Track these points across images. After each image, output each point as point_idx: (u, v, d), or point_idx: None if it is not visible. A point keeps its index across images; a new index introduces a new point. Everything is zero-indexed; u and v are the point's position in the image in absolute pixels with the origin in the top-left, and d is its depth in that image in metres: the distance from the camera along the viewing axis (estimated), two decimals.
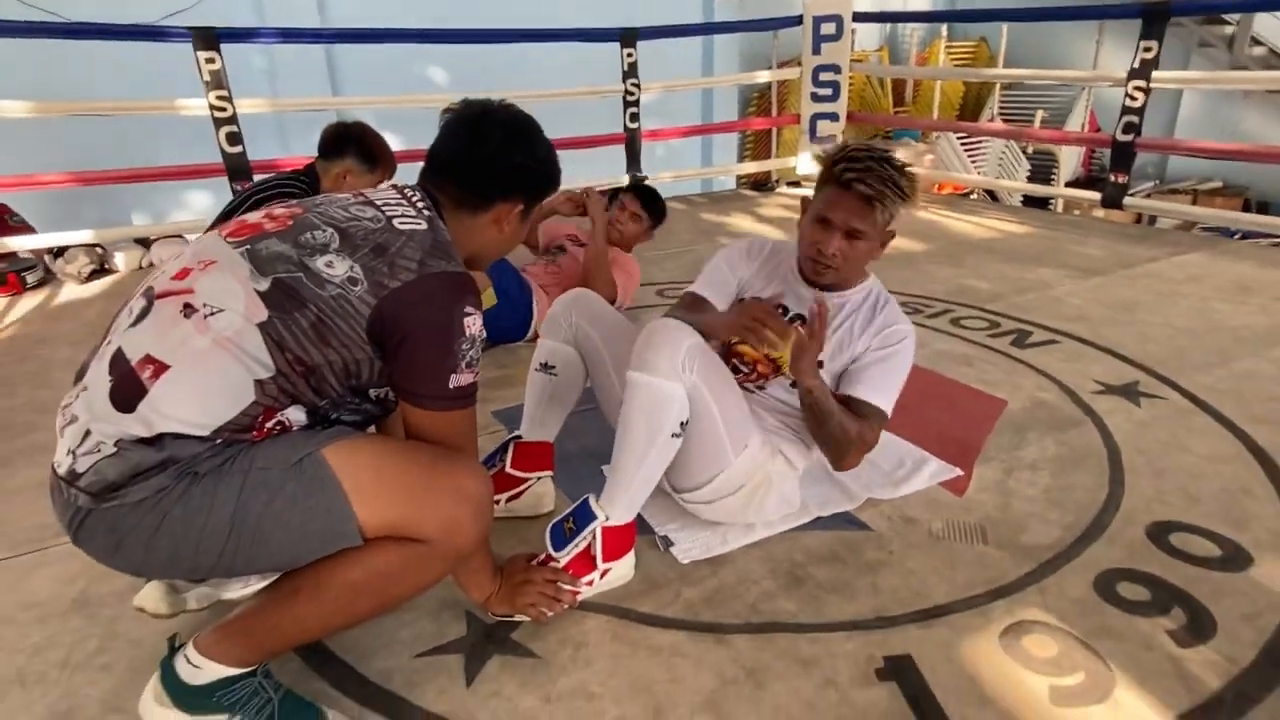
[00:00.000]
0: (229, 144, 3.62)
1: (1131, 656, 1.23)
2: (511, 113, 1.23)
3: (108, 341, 1.05)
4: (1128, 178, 4.04)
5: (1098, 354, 2.44)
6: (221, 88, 3.53)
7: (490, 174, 1.19)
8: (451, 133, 1.21)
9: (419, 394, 1.07)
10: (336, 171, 2.31)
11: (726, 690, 1.18)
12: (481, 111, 1.21)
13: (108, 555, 1.02)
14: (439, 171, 1.20)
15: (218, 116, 3.57)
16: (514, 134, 1.21)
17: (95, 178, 3.60)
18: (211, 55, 3.50)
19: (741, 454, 1.41)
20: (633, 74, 4.65)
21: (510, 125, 1.21)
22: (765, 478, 1.46)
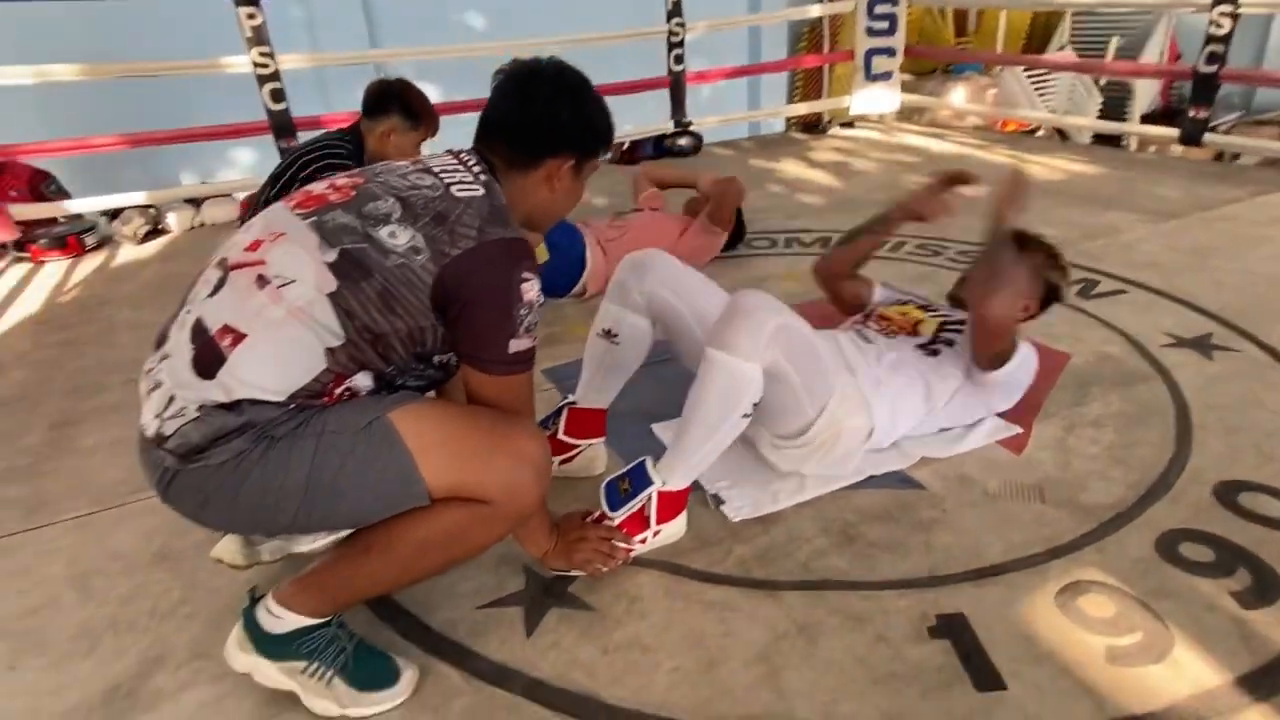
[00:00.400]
0: (273, 101, 3.69)
1: (1192, 617, 1.24)
2: (559, 69, 1.24)
3: (186, 310, 1.11)
4: (1209, 112, 3.83)
5: (1169, 304, 2.38)
6: (263, 44, 3.58)
7: (538, 131, 1.21)
8: (501, 93, 1.24)
9: (480, 358, 1.12)
10: (381, 130, 2.35)
11: (779, 644, 1.24)
12: (530, 70, 1.23)
13: (195, 512, 1.11)
14: (490, 133, 1.23)
15: (261, 74, 3.63)
16: (561, 90, 1.23)
17: (145, 139, 3.71)
18: (252, 11, 3.54)
19: (821, 413, 1.47)
20: (677, 13, 4.55)
21: (557, 81, 1.23)
22: (835, 434, 1.50)
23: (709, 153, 5.00)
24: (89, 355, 2.51)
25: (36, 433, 2.06)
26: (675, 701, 1.15)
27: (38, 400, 2.23)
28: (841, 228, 3.29)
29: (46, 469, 1.89)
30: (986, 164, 4.28)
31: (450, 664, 1.24)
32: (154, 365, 1.14)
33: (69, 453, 1.95)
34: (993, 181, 1.66)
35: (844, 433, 1.53)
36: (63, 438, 2.02)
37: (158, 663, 1.29)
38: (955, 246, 2.92)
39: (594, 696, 1.17)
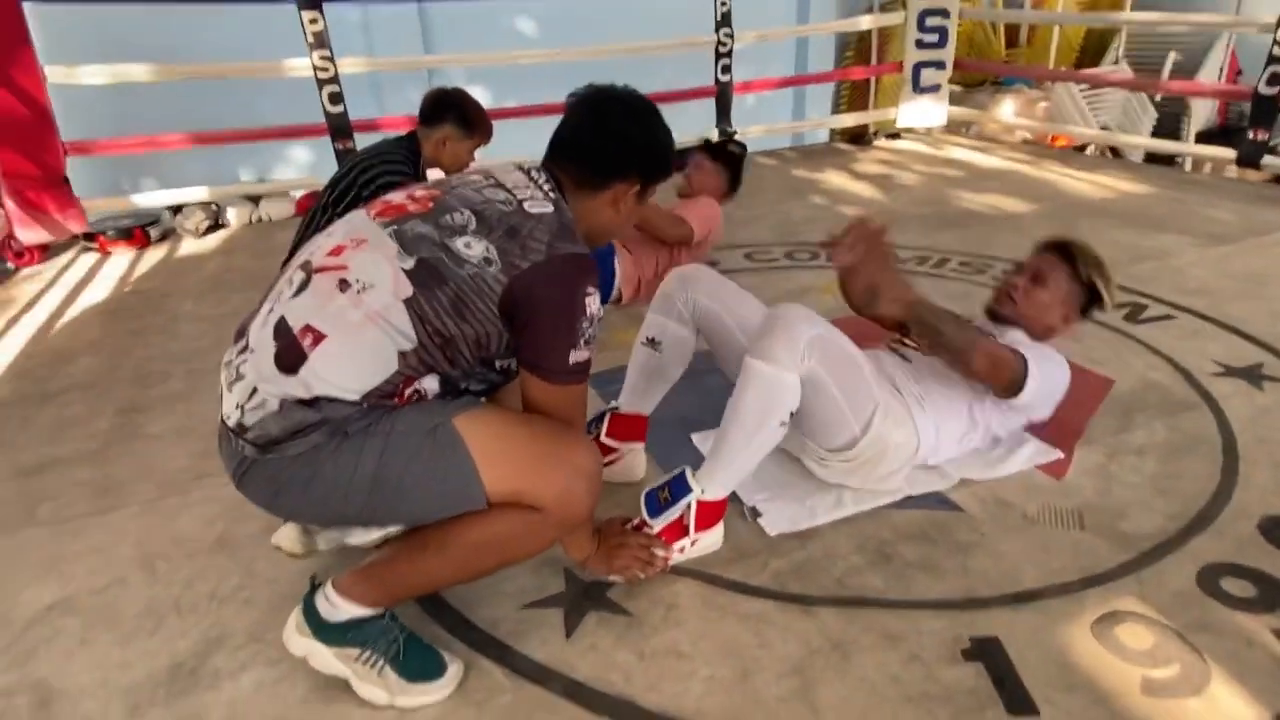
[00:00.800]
0: (331, 104, 3.80)
1: (1231, 652, 1.23)
2: (632, 96, 1.30)
3: (270, 310, 1.17)
4: (1269, 134, 3.74)
5: (1219, 331, 2.34)
6: (324, 47, 3.70)
7: (608, 154, 1.26)
8: (574, 115, 1.29)
9: (542, 367, 1.17)
10: (437, 138, 2.42)
11: (813, 659, 1.26)
12: (603, 95, 1.29)
13: (267, 500, 1.17)
14: (561, 152, 1.28)
15: (320, 77, 3.74)
16: (632, 116, 1.28)
17: (208, 137, 3.84)
18: (314, 15, 3.65)
19: (867, 430, 1.49)
20: (726, 23, 4.58)
21: (629, 107, 1.28)
22: (882, 450, 1.52)
23: (751, 160, 5.00)
24: (154, 345, 2.62)
25: (105, 418, 2.16)
26: (709, 710, 1.18)
27: (106, 387, 2.34)
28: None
29: (114, 454, 1.98)
30: (1034, 180, 4.23)
31: (493, 661, 1.28)
32: (234, 358, 1.20)
33: (135, 438, 2.04)
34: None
35: (890, 448, 1.54)
36: (129, 424, 2.12)
37: (217, 644, 1.35)
38: (999, 264, 2.90)
39: (630, 700, 1.20)
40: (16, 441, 2.06)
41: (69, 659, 1.34)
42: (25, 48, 3.17)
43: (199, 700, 1.24)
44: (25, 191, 3.26)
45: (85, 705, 1.24)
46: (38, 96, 3.23)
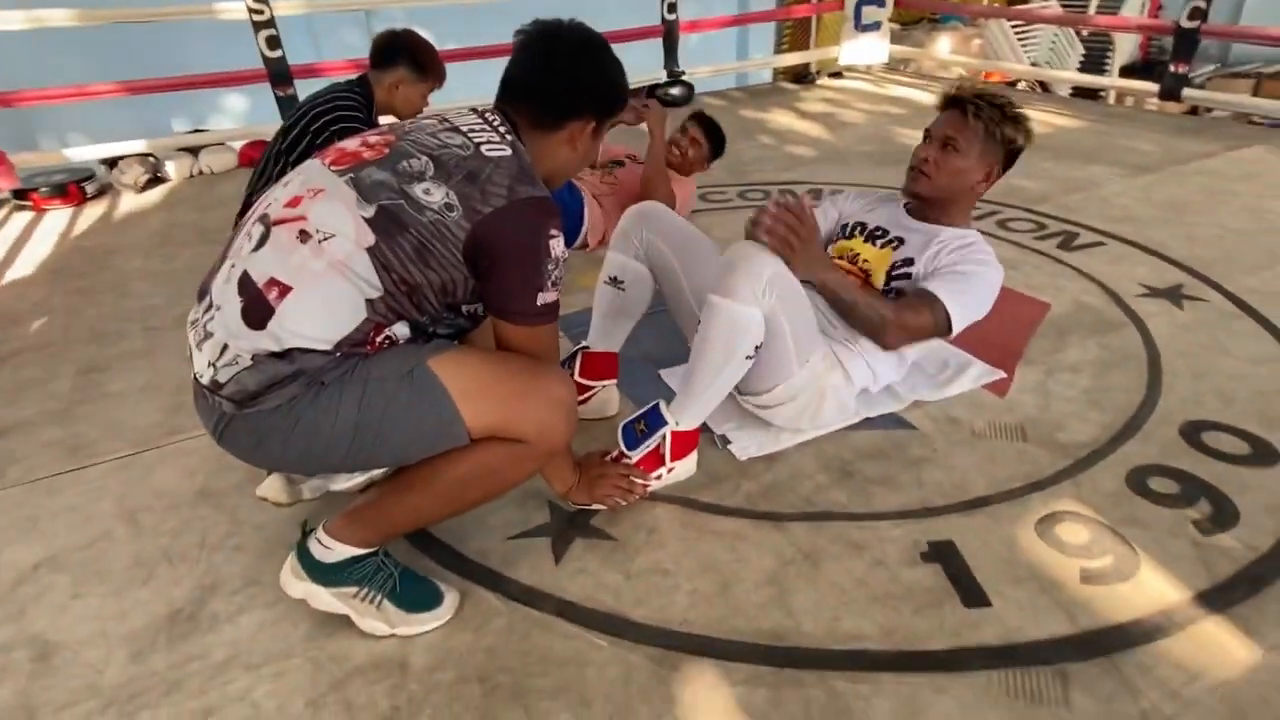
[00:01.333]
0: (269, 48, 3.62)
1: (1157, 542, 1.34)
2: (580, 31, 1.25)
3: (230, 265, 1.14)
4: (1189, 67, 3.86)
5: (1144, 256, 2.46)
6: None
7: (562, 93, 1.23)
8: (522, 53, 1.24)
9: (511, 310, 1.17)
10: (389, 82, 2.33)
11: (786, 569, 1.33)
12: (552, 32, 1.24)
13: (248, 453, 1.16)
14: (514, 93, 1.24)
15: (256, 20, 3.55)
16: (582, 52, 1.24)
17: (143, 86, 3.63)
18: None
19: (804, 367, 1.51)
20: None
21: (579, 44, 1.24)
22: (821, 390, 1.56)
23: (699, 102, 4.97)
24: (106, 303, 2.53)
25: (65, 379, 2.09)
26: (695, 619, 1.24)
27: (62, 348, 2.26)
28: (833, 180, 3.34)
29: (80, 414, 1.93)
30: None
31: (486, 588, 1.32)
32: (199, 317, 1.17)
33: (100, 398, 1.99)
34: None
35: (828, 389, 1.58)
36: (91, 384, 2.06)
37: (212, 590, 1.36)
38: None
39: (621, 615, 1.26)
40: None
41: (63, 613, 1.33)
42: None
43: (201, 642, 1.25)
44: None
45: (87, 654, 1.25)
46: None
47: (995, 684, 1.11)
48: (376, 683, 1.17)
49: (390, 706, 1.13)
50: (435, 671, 1.18)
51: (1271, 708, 1.06)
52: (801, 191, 1.73)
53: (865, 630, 1.21)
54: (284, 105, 3.74)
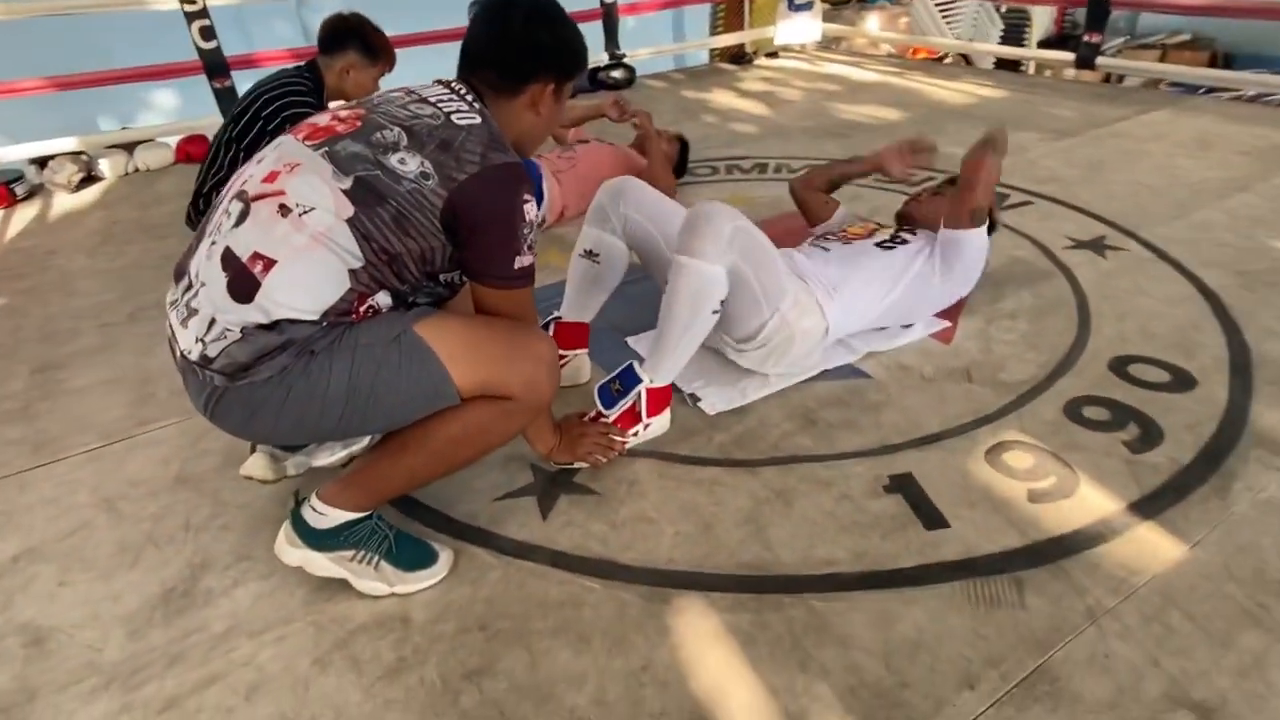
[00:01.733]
0: (203, 39, 3.52)
1: (1093, 463, 1.47)
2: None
3: (211, 242, 1.15)
4: (1102, 37, 4.08)
5: (1068, 212, 2.61)
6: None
7: (519, 58, 1.25)
8: (479, 23, 1.26)
9: (489, 274, 1.21)
10: (340, 66, 2.33)
11: (761, 508, 1.41)
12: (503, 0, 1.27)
13: (241, 426, 1.18)
14: (474, 62, 1.26)
15: (188, 10, 3.45)
16: (536, 15, 1.25)
17: (73, 82, 3.50)
18: None
19: (775, 314, 1.60)
20: None
21: (533, 7, 1.25)
22: (790, 335, 1.64)
23: (642, 84, 5.01)
24: (54, 303, 2.45)
25: (19, 379, 2.03)
26: (680, 558, 1.31)
27: (11, 349, 2.19)
28: (776, 154, 3.44)
29: (40, 410, 1.89)
30: (901, 90, 4.45)
31: (478, 546, 1.37)
32: (178, 297, 1.18)
33: (60, 395, 1.95)
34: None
35: (798, 334, 1.67)
36: (49, 381, 2.01)
37: (204, 567, 1.37)
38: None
39: (611, 560, 1.32)
40: None
41: (51, 601, 1.33)
42: None
43: (198, 616, 1.27)
44: None
45: (83, 635, 1.25)
46: None
47: (958, 593, 1.21)
48: (380, 638, 1.20)
49: (396, 658, 1.17)
50: (437, 623, 1.22)
51: (1197, 592, 1.18)
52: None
53: (837, 556, 1.30)
54: (221, 98, 3.65)
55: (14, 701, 1.15)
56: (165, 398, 1.88)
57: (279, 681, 1.15)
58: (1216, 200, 2.62)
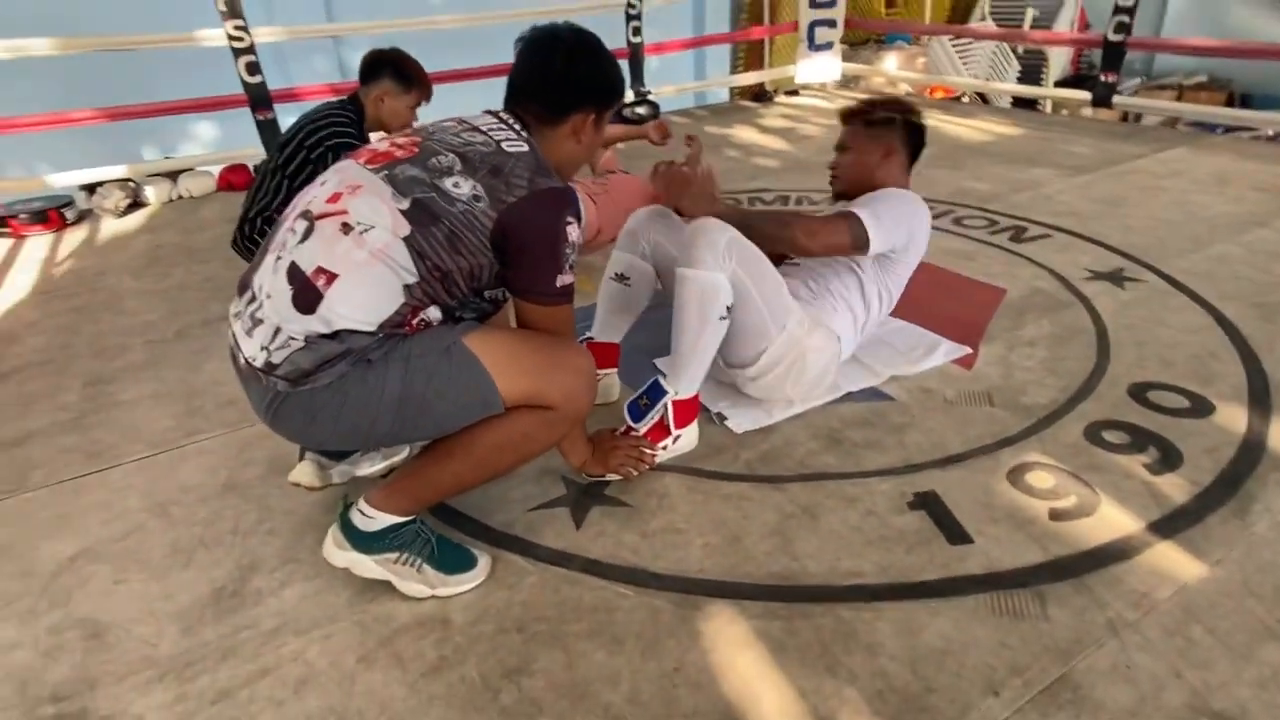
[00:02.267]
0: (249, 74, 3.68)
1: (1113, 484, 1.50)
2: (576, 32, 1.36)
3: (277, 258, 1.23)
4: (1118, 76, 4.16)
5: (1087, 245, 2.67)
6: (237, 17, 3.57)
7: (563, 90, 1.33)
8: (524, 58, 1.35)
9: (533, 291, 1.28)
10: (375, 94, 2.44)
11: (788, 522, 1.45)
12: (549, 34, 1.35)
13: (300, 430, 1.25)
14: (519, 93, 1.35)
15: (236, 46, 3.61)
16: (580, 51, 1.34)
17: (123, 112, 3.67)
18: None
19: (782, 333, 1.64)
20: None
21: (575, 43, 1.34)
22: (802, 353, 1.68)
23: (665, 120, 5.14)
24: (103, 321, 2.56)
25: (72, 391, 2.12)
26: (710, 568, 1.36)
27: (64, 363, 2.29)
28: (797, 187, 3.52)
29: (93, 421, 1.97)
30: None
31: (515, 553, 1.42)
32: (242, 309, 1.26)
33: (110, 407, 2.03)
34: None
35: (809, 352, 1.69)
36: (100, 394, 2.10)
37: (252, 569, 1.43)
38: None
39: (643, 568, 1.36)
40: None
41: (108, 597, 1.39)
42: None
43: (248, 614, 1.33)
44: None
45: (139, 630, 1.31)
46: None
47: (982, 605, 1.24)
48: (423, 638, 1.25)
49: (438, 656, 1.22)
50: (476, 625, 1.27)
51: (1218, 608, 1.21)
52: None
53: (863, 568, 1.33)
54: (263, 129, 3.80)
55: (76, 690, 1.21)
56: (212, 410, 1.96)
57: (326, 676, 1.20)
58: (1234, 235, 2.66)
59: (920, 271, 1.89)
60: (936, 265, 2.51)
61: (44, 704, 1.19)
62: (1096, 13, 7.14)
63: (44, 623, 1.34)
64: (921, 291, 2.32)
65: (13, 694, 1.21)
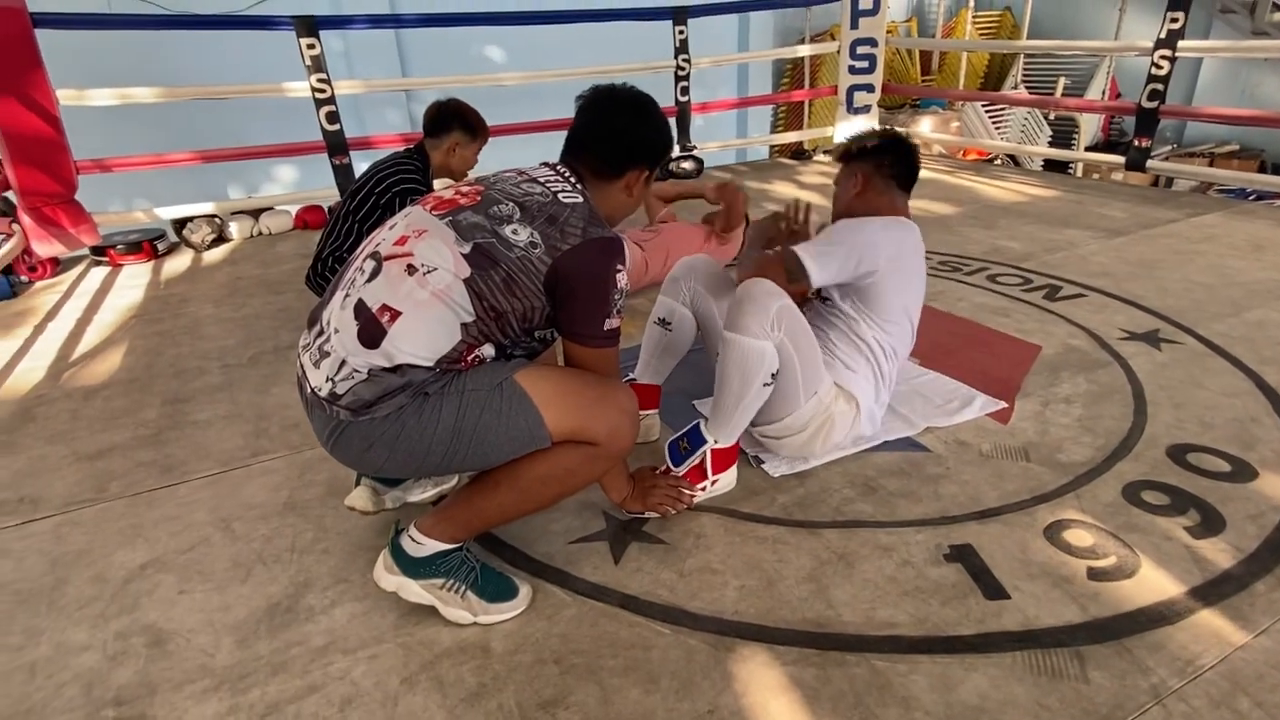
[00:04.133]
0: (328, 122, 3.83)
1: (1154, 545, 1.42)
2: (633, 93, 1.39)
3: (345, 295, 1.25)
4: (1151, 142, 4.08)
5: (1121, 305, 2.59)
6: (321, 71, 3.73)
7: (619, 147, 1.36)
8: (583, 115, 1.38)
9: (582, 334, 1.28)
10: (446, 145, 2.51)
11: (823, 568, 1.40)
12: (608, 94, 1.38)
13: (357, 457, 1.25)
14: (578, 147, 1.37)
15: (318, 98, 3.77)
16: (633, 112, 1.37)
17: (217, 155, 3.84)
18: (312, 41, 3.69)
19: (810, 399, 1.60)
20: (684, 50, 4.75)
21: (632, 104, 1.37)
22: (828, 418, 1.64)
23: (709, 175, 5.19)
24: (184, 344, 2.64)
25: (152, 409, 2.18)
26: (745, 610, 1.31)
27: (147, 382, 2.36)
28: None
29: (169, 438, 2.01)
30: (953, 186, 4.51)
31: (554, 584, 1.40)
32: (310, 341, 1.28)
33: (186, 425, 2.08)
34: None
35: (836, 416, 1.65)
36: (177, 413, 2.15)
37: (306, 586, 1.43)
38: (935, 257, 3.12)
39: (678, 607, 1.33)
40: (72, 431, 2.08)
41: (171, 606, 1.40)
42: (38, 71, 3.13)
43: (300, 630, 1.32)
44: (41, 208, 3.22)
45: (198, 641, 1.31)
46: (51, 117, 3.19)
47: (1020, 663, 1.18)
48: (463, 664, 1.23)
49: (477, 683, 1.19)
50: (515, 654, 1.24)
51: (1265, 681, 1.12)
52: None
53: (899, 619, 1.28)
54: (339, 173, 3.94)
55: (137, 694, 1.21)
56: (277, 432, 1.99)
57: (371, 696, 1.18)
58: (1272, 300, 2.56)
59: (954, 324, 1.85)
60: (971, 320, 2.46)
61: (107, 706, 1.19)
62: (1127, 81, 7.07)
63: (113, 627, 1.36)
64: (956, 345, 2.28)
65: (79, 695, 1.22)
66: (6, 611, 1.41)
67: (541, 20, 4.77)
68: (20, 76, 3.05)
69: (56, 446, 2.00)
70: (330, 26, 3.82)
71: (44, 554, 1.57)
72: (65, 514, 1.70)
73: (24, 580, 1.49)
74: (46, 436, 2.05)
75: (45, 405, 2.24)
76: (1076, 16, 7.23)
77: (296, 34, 3.66)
